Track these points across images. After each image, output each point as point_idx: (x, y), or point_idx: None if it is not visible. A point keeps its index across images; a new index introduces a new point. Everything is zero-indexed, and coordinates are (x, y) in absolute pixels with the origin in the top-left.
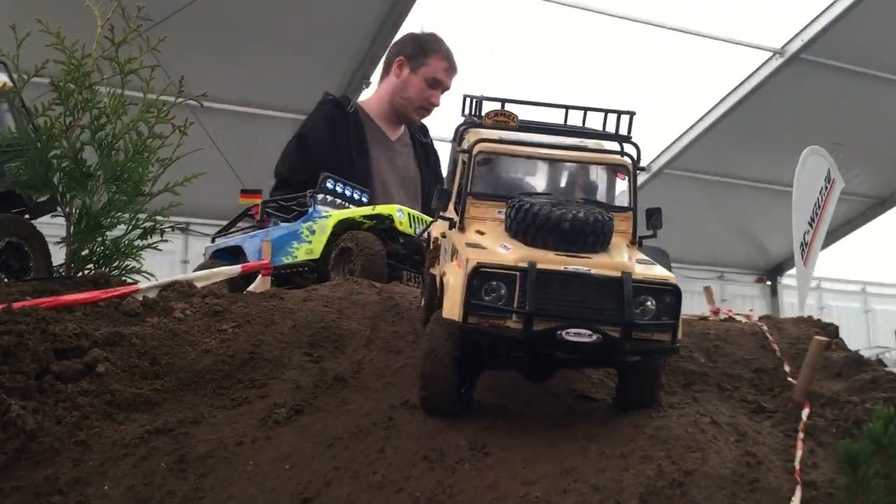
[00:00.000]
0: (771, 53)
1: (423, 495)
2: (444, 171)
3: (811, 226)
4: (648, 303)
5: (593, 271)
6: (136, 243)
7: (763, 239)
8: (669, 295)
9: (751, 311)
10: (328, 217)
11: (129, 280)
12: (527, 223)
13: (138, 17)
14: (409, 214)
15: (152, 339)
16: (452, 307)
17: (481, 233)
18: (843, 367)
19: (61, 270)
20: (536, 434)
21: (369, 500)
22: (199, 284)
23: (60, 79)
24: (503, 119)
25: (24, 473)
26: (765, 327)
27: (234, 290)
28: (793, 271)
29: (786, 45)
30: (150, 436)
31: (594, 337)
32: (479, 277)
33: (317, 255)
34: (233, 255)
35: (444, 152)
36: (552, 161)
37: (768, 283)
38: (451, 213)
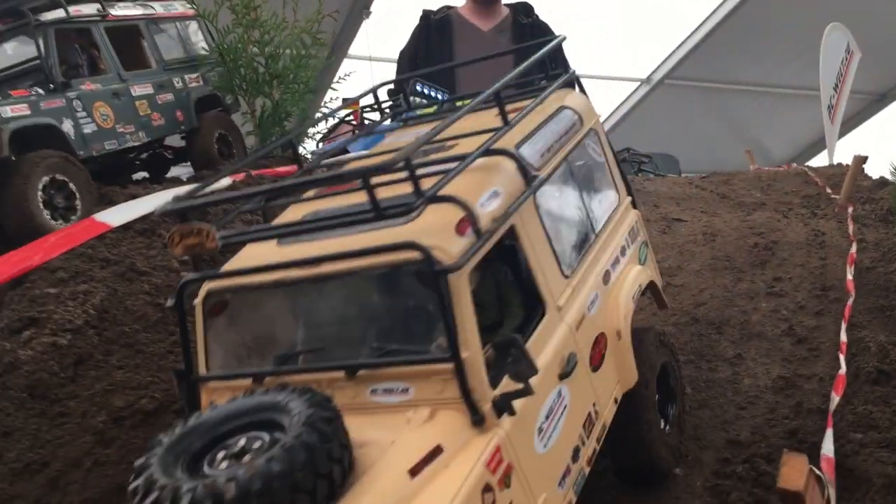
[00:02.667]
0: None
1: None
2: None
3: (835, 90)
4: None
5: None
6: (308, 131)
7: (766, 142)
8: None
9: (789, 164)
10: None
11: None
12: None
13: None
14: None
15: None
16: None
17: None
18: (871, 189)
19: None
20: None
21: None
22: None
23: (237, 2)
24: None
25: None
26: (807, 168)
27: None
28: None
29: None
30: None
31: None
32: None
33: None
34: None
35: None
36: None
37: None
38: None
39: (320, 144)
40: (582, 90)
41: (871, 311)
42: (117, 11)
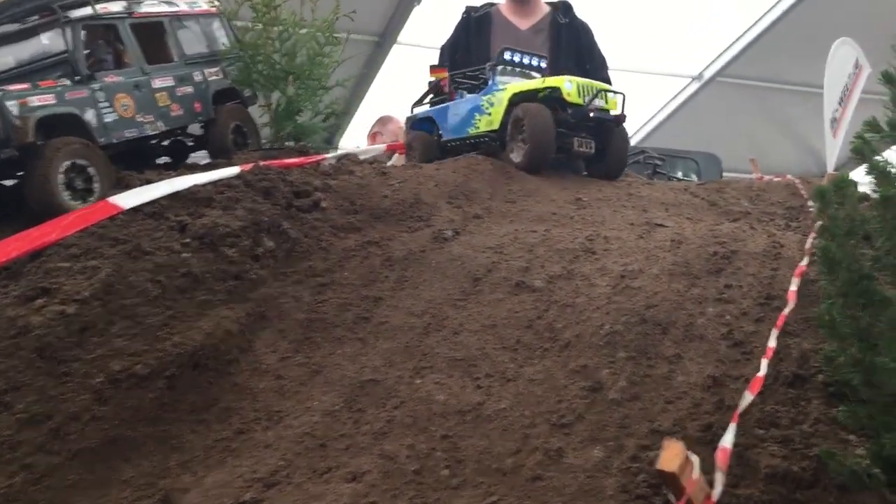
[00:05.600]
0: None
1: (555, 273)
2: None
3: (840, 104)
4: None
5: None
6: (319, 125)
7: (815, 143)
8: None
9: (786, 175)
10: (505, 89)
11: (321, 151)
12: None
13: None
14: (577, 85)
15: (347, 188)
16: None
17: None
18: None
19: (265, 145)
20: None
21: (521, 277)
22: (361, 157)
23: (258, 1)
24: None
25: (295, 263)
26: (796, 180)
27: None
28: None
29: None
30: (365, 245)
31: None
32: None
33: (496, 126)
34: (430, 123)
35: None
36: None
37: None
38: None
39: (414, 109)
40: None
41: (807, 320)
42: (143, 8)
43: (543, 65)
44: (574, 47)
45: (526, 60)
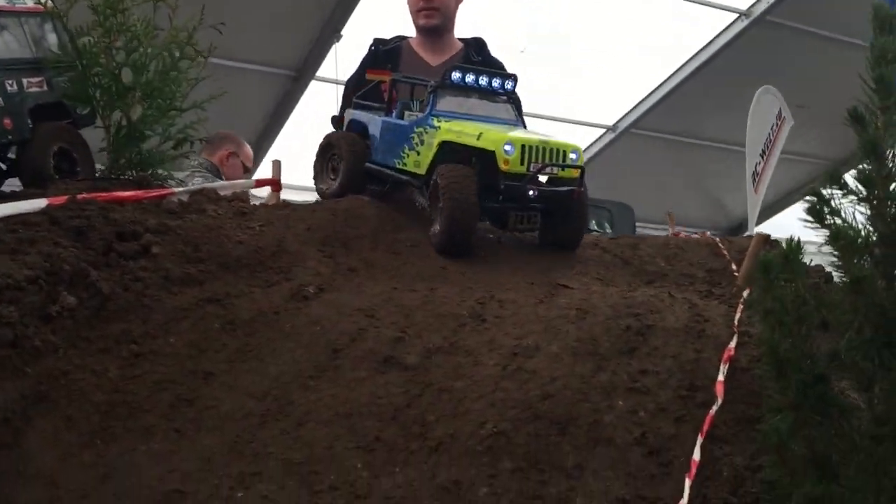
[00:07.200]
0: (737, 15)
1: (434, 345)
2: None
3: (762, 157)
4: None
5: None
6: (168, 153)
7: (725, 199)
8: None
9: (705, 232)
10: (437, 130)
11: (168, 184)
12: None
13: None
14: (523, 147)
15: (193, 231)
16: None
17: None
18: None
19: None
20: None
21: (391, 350)
22: (221, 192)
23: (99, 2)
24: None
25: (103, 326)
26: (717, 239)
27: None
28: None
29: (752, 6)
30: (203, 303)
31: None
32: None
33: (422, 171)
34: (363, 129)
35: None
36: None
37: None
38: None
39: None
40: None
41: (739, 421)
42: None
43: (510, 86)
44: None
45: (483, 82)
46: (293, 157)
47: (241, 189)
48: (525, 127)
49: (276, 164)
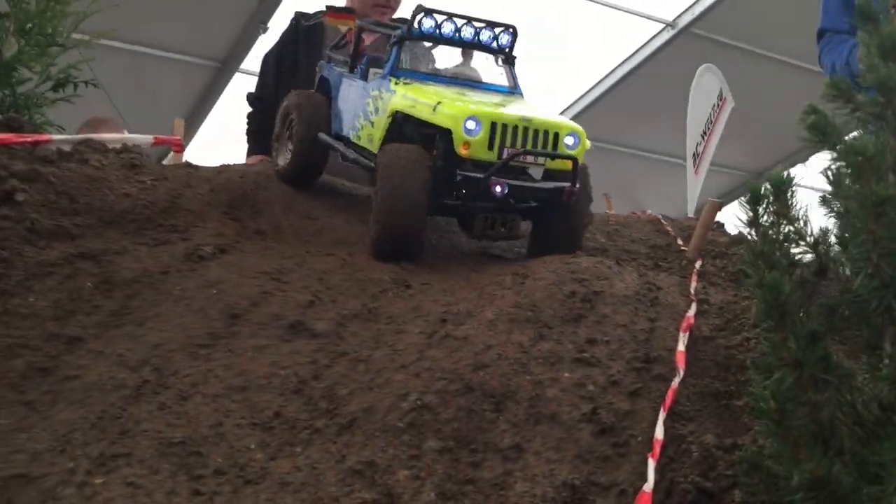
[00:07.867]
0: (663, 25)
1: (350, 311)
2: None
3: (703, 138)
4: None
5: None
6: (47, 95)
7: (651, 208)
8: None
9: (646, 210)
10: (393, 95)
11: (46, 131)
12: None
13: None
14: (492, 124)
15: (70, 181)
16: None
17: None
18: (728, 245)
19: None
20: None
21: (299, 316)
22: (110, 146)
23: None
24: None
25: None
26: (660, 216)
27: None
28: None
29: (678, 17)
30: (74, 259)
31: None
32: None
33: (375, 148)
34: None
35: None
36: None
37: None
38: None
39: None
40: None
41: (704, 396)
42: None
43: (506, 41)
44: None
45: (467, 34)
46: (214, 150)
47: (133, 143)
48: (522, 97)
49: (179, 123)
